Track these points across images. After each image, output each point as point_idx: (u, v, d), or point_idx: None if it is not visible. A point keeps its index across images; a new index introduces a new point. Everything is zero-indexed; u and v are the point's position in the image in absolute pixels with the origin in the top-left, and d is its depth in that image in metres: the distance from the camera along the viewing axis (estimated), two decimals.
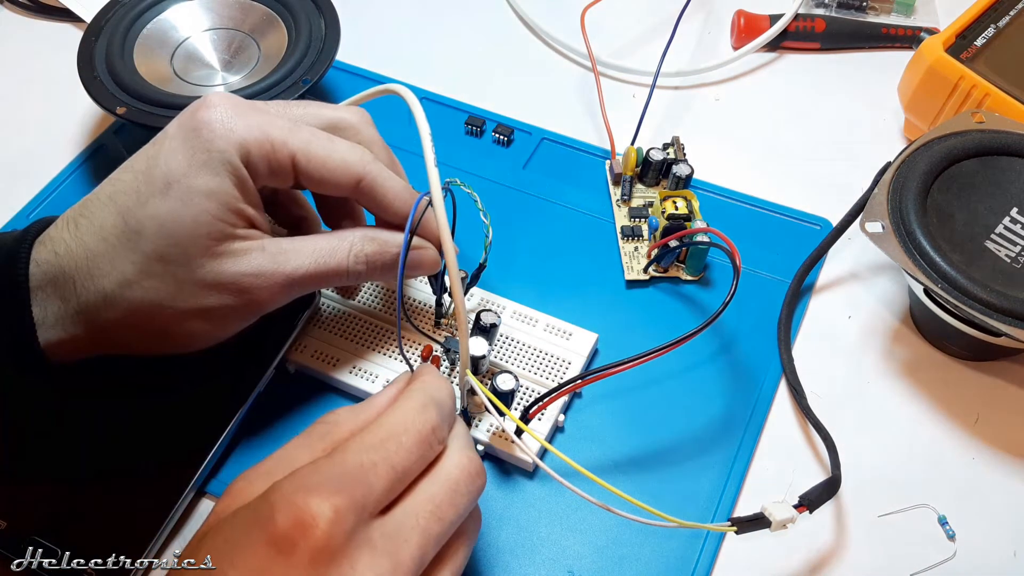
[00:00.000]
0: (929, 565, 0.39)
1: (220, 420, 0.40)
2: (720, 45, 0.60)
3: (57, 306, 0.35)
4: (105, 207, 0.35)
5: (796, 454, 0.42)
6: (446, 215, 0.37)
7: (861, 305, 0.47)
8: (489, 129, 0.53)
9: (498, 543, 0.39)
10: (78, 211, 0.36)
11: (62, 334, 0.36)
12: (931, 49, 0.49)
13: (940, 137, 0.44)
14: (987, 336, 0.41)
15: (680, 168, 0.48)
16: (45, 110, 0.55)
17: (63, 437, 0.39)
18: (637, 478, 0.41)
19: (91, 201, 0.36)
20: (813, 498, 0.37)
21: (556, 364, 0.42)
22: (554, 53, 0.59)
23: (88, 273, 0.35)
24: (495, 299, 0.45)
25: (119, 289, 0.35)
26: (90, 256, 0.35)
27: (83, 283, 0.35)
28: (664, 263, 0.47)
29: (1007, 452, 0.42)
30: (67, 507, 0.38)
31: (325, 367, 0.42)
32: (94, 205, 0.36)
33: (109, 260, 0.35)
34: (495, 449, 0.40)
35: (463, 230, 0.42)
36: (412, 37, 0.60)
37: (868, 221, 0.42)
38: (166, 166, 0.35)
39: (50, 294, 0.35)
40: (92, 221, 0.35)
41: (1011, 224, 0.42)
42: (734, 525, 0.36)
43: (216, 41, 0.52)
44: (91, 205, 0.36)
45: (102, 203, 0.35)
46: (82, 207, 0.36)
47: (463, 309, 0.36)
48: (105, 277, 0.35)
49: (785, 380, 0.44)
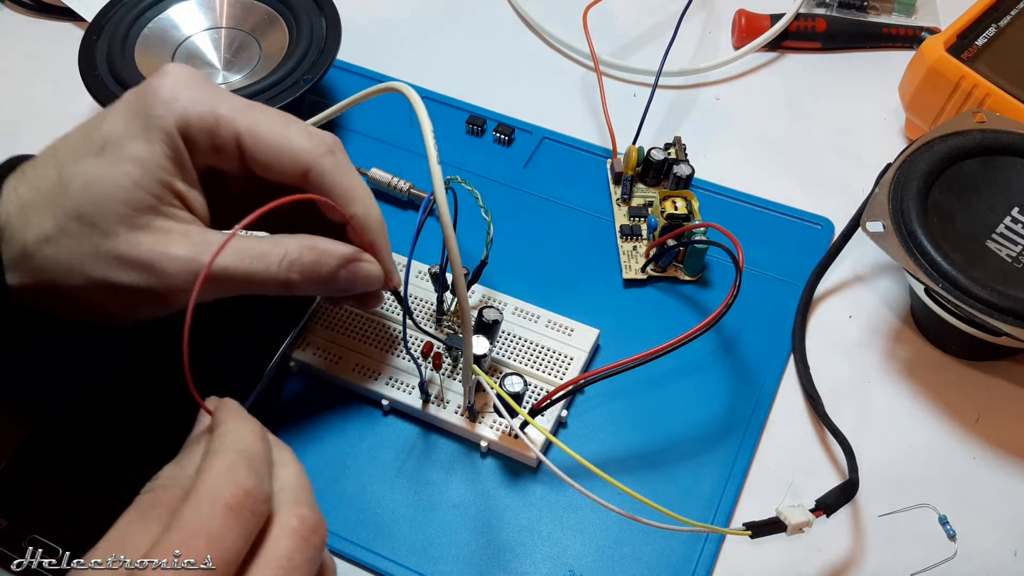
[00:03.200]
0: (929, 565, 0.39)
1: None
2: (721, 45, 0.60)
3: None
4: (47, 160, 0.35)
5: (797, 454, 0.42)
6: (448, 212, 0.37)
7: (862, 305, 0.47)
8: (490, 128, 0.53)
9: (499, 542, 0.39)
10: (29, 161, 0.35)
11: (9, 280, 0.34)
12: (932, 49, 0.49)
13: (941, 137, 0.44)
14: (988, 336, 0.41)
15: (681, 168, 0.48)
16: (46, 109, 0.55)
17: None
18: (638, 476, 0.41)
19: (40, 154, 0.35)
20: (830, 502, 0.37)
21: (558, 360, 0.42)
22: (555, 52, 0.59)
23: (18, 224, 0.34)
24: (497, 296, 0.45)
25: (36, 245, 0.34)
26: (23, 206, 0.34)
27: (11, 233, 0.34)
28: (662, 263, 0.47)
29: (1008, 452, 0.42)
30: (67, 507, 0.38)
31: (328, 365, 0.42)
32: (40, 158, 0.35)
33: (37, 212, 0.34)
34: (498, 446, 0.40)
35: (464, 228, 0.42)
36: (413, 36, 0.60)
37: (869, 221, 0.42)
38: (106, 127, 0.34)
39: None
40: (35, 172, 0.34)
41: (1012, 224, 0.42)
42: (749, 529, 0.35)
43: (217, 40, 0.52)
44: (39, 157, 0.35)
45: (46, 156, 0.35)
46: (34, 158, 0.35)
47: (467, 305, 0.36)
48: (29, 229, 0.34)
49: (800, 387, 0.44)
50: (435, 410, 0.41)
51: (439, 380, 0.42)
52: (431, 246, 0.41)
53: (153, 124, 0.34)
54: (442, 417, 0.41)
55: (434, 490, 0.40)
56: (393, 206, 0.50)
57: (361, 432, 0.42)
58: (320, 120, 0.45)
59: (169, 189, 0.34)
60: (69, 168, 0.34)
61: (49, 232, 0.33)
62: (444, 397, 0.41)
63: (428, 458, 0.41)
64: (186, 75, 0.35)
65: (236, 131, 0.35)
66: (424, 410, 0.41)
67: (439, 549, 0.38)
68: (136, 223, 0.34)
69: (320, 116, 0.44)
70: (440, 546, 0.38)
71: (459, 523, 0.39)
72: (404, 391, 0.42)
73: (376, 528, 0.39)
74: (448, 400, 0.41)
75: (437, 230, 0.36)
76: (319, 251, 0.36)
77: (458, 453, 0.41)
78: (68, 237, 0.33)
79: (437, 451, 0.41)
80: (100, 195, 0.33)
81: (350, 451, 0.41)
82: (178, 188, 0.35)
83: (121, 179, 0.33)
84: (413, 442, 0.41)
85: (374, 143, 0.53)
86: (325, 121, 0.45)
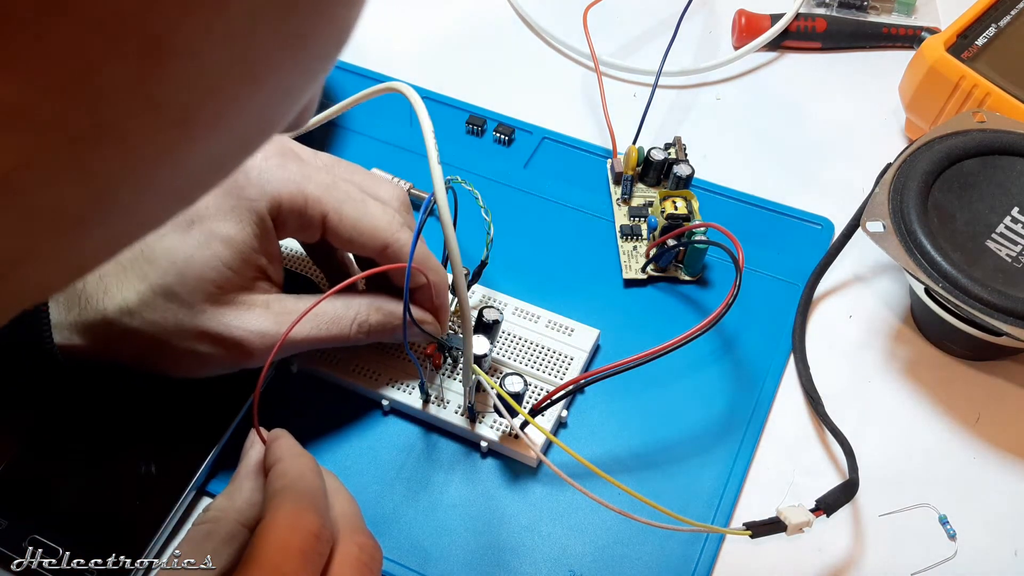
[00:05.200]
0: (929, 565, 0.39)
1: (221, 420, 0.40)
2: (721, 45, 0.60)
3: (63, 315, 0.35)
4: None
5: (797, 454, 0.42)
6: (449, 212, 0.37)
7: (862, 305, 0.47)
8: (490, 129, 0.53)
9: (499, 542, 0.39)
10: None
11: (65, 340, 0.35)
12: (932, 49, 0.49)
13: (941, 137, 0.44)
14: (988, 335, 0.41)
15: (681, 168, 0.48)
16: None
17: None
18: (638, 476, 0.41)
19: None
20: (830, 502, 0.37)
21: (558, 360, 0.42)
22: (555, 52, 0.59)
23: (95, 290, 0.35)
24: (497, 296, 0.45)
25: (118, 315, 0.34)
26: (102, 274, 0.35)
27: (88, 299, 0.35)
28: (662, 263, 0.47)
29: (1008, 451, 0.42)
30: (67, 507, 0.38)
31: (328, 365, 0.42)
32: None
33: (117, 282, 0.34)
34: (498, 446, 0.40)
35: (464, 228, 0.42)
36: (413, 36, 0.60)
37: (869, 220, 0.42)
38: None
39: (60, 302, 0.35)
40: None
41: (1012, 224, 0.42)
42: (749, 529, 0.36)
43: None
44: None
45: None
46: None
47: (467, 305, 0.36)
48: (110, 298, 0.35)
49: (800, 387, 0.44)
50: (435, 410, 0.41)
51: (439, 380, 0.42)
52: (431, 246, 0.41)
53: (244, 207, 0.34)
54: (442, 417, 0.41)
55: (434, 490, 0.40)
56: None
57: (361, 432, 0.42)
58: (320, 120, 0.45)
59: (254, 266, 0.35)
60: (154, 243, 0.34)
61: (132, 305, 0.34)
62: (444, 397, 0.41)
63: (428, 458, 0.41)
64: (277, 150, 0.35)
65: (323, 211, 0.36)
66: (424, 410, 0.41)
67: (439, 549, 0.38)
68: (221, 300, 0.35)
69: (320, 116, 0.44)
70: (440, 546, 0.38)
71: (459, 523, 0.39)
72: (404, 391, 0.42)
73: (376, 528, 0.39)
74: (448, 400, 0.41)
75: (437, 230, 0.36)
76: (386, 312, 0.39)
77: (458, 453, 0.41)
78: (152, 311, 0.34)
79: (437, 451, 0.41)
80: (188, 275, 0.34)
81: (350, 451, 0.41)
82: (262, 264, 0.36)
83: (211, 260, 0.34)
84: (413, 442, 0.41)
85: (374, 143, 0.53)
86: (325, 121, 0.45)
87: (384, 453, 0.41)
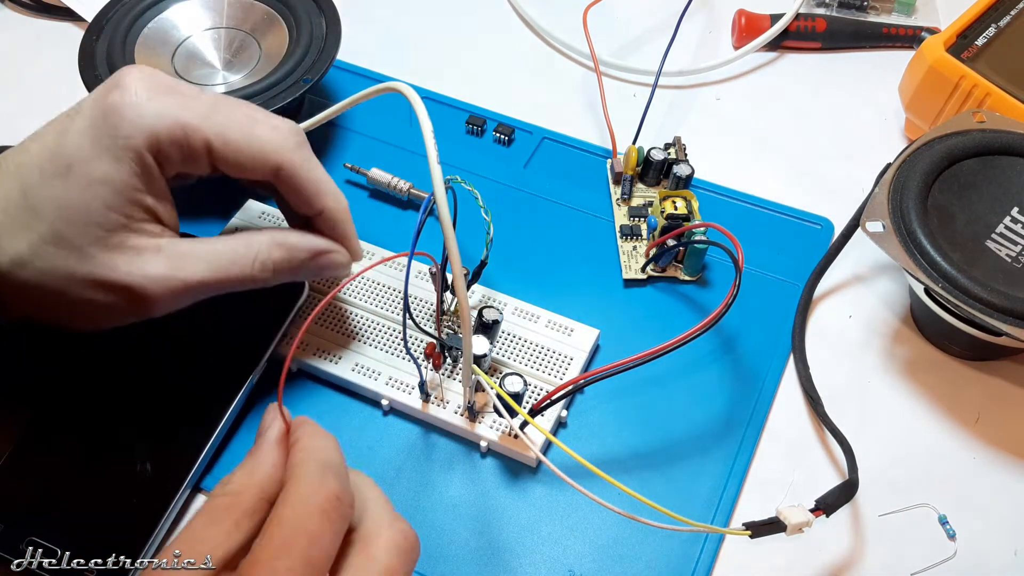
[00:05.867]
0: (929, 565, 0.39)
1: (213, 416, 0.40)
2: (721, 45, 0.60)
3: None
4: (11, 178, 0.34)
5: (797, 454, 0.42)
6: (449, 212, 0.37)
7: (862, 305, 0.47)
8: (490, 129, 0.53)
9: (499, 542, 0.39)
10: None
11: None
12: (932, 49, 0.49)
13: (941, 137, 0.44)
14: (988, 335, 0.41)
15: (681, 168, 0.48)
16: (46, 109, 0.55)
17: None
18: (638, 476, 0.41)
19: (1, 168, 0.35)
20: (830, 502, 0.37)
21: (558, 360, 0.42)
22: (555, 52, 0.59)
23: None
24: (497, 296, 0.45)
25: (11, 267, 0.34)
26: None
27: None
28: (662, 263, 0.47)
29: (1008, 452, 0.42)
30: (67, 507, 0.38)
31: (327, 365, 0.42)
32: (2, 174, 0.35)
33: (9, 234, 0.34)
34: (498, 446, 0.40)
35: (464, 228, 0.42)
36: (413, 36, 0.60)
37: (869, 220, 0.42)
38: (71, 146, 0.34)
39: None
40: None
41: (1012, 224, 0.42)
42: (748, 529, 0.35)
43: (217, 40, 0.52)
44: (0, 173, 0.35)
45: (9, 173, 0.34)
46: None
47: (467, 305, 0.36)
48: (2, 252, 0.34)
49: (800, 387, 0.44)
50: (435, 410, 0.41)
51: (439, 380, 0.42)
52: (431, 246, 0.41)
53: (120, 145, 0.34)
54: (442, 417, 0.41)
55: (434, 490, 0.40)
56: (393, 206, 0.50)
57: (361, 432, 0.42)
58: (320, 120, 0.45)
59: (140, 206, 0.34)
60: (38, 191, 0.34)
61: (24, 256, 0.34)
62: (444, 397, 0.41)
63: (428, 458, 0.41)
64: (147, 85, 0.35)
65: (205, 138, 0.35)
66: (424, 410, 0.41)
67: (439, 549, 0.38)
68: (109, 243, 0.34)
69: (320, 116, 0.44)
70: (440, 546, 0.38)
71: (459, 523, 0.39)
72: (404, 391, 0.42)
73: None
74: (448, 400, 0.41)
75: (437, 230, 0.36)
76: (289, 247, 0.38)
77: (458, 453, 0.41)
78: (43, 261, 0.34)
79: (437, 451, 0.41)
80: (74, 219, 0.33)
81: (350, 451, 0.41)
82: (148, 203, 0.35)
83: (92, 202, 0.33)
84: (413, 442, 0.41)
85: (374, 143, 0.53)
86: (325, 121, 0.45)
87: (384, 453, 0.41)
